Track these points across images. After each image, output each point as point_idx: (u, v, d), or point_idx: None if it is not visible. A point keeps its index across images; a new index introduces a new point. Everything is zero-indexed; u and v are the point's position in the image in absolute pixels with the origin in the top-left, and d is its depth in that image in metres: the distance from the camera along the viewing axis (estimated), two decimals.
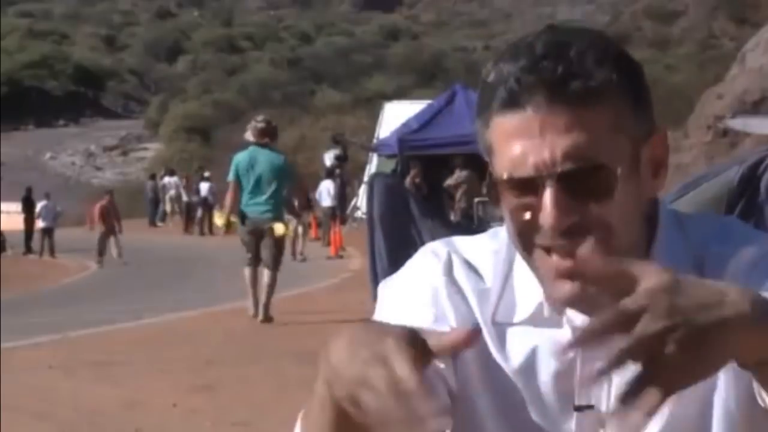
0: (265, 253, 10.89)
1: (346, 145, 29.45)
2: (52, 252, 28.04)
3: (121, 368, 9.47)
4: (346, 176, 28.23)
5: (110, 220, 25.30)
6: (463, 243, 1.41)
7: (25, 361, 9.86)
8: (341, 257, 21.81)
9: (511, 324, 1.34)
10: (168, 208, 37.09)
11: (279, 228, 10.55)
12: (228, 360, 9.68)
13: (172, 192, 36.56)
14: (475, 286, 1.36)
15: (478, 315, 1.34)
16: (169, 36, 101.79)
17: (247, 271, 11.25)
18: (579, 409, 1.30)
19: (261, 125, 10.79)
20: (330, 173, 27.05)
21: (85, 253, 27.55)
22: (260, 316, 11.26)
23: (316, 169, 30.63)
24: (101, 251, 24.46)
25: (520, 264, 1.35)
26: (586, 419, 1.30)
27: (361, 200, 27.79)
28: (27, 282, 21.29)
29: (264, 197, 10.61)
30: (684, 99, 32.40)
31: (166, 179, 37.19)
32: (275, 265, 11.00)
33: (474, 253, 1.39)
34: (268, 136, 10.71)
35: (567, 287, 1.25)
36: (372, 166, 26.76)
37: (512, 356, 1.33)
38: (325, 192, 25.47)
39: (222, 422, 7.26)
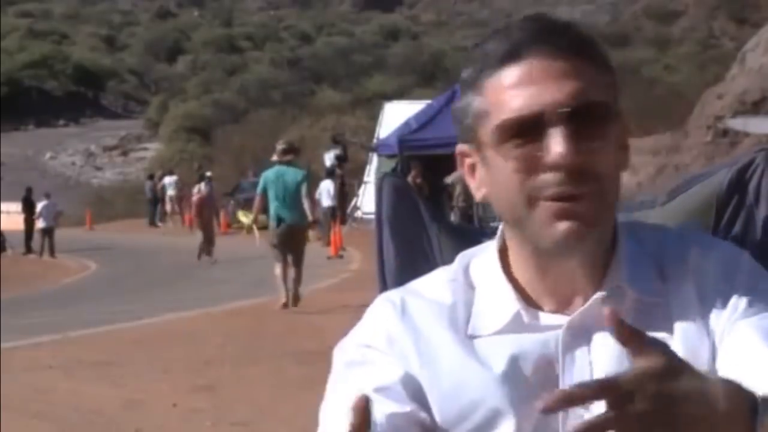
0: (292, 254, 12.69)
1: (346, 145, 29.46)
2: (52, 252, 28.05)
3: (121, 368, 9.48)
4: (346, 176, 28.27)
5: (209, 214, 23.49)
6: (418, 284, 1.45)
7: (25, 361, 9.87)
8: (341, 257, 21.81)
9: (485, 336, 1.37)
10: (168, 208, 37.09)
11: (311, 235, 12.55)
12: (228, 360, 9.68)
13: (172, 192, 36.55)
14: (438, 313, 1.39)
15: (448, 336, 1.37)
16: (169, 36, 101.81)
17: (278, 268, 12.72)
18: None
19: (282, 147, 12.85)
20: (330, 173, 27.07)
21: (85, 253, 27.58)
22: (290, 304, 12.72)
23: (316, 169, 30.63)
24: (209, 251, 22.24)
25: (484, 287, 1.40)
26: (570, 419, 1.30)
27: (361, 200, 27.80)
28: (27, 282, 21.30)
29: (291, 206, 12.37)
30: (684, 99, 32.39)
31: (166, 179, 37.18)
32: (301, 260, 12.84)
33: (430, 289, 1.42)
34: (290, 154, 12.67)
35: (567, 224, 1.29)
36: (372, 166, 26.76)
37: (493, 364, 1.34)
38: (325, 192, 25.48)
39: (222, 422, 7.26)
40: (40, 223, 28.55)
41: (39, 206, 29.03)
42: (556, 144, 1.27)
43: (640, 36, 74.00)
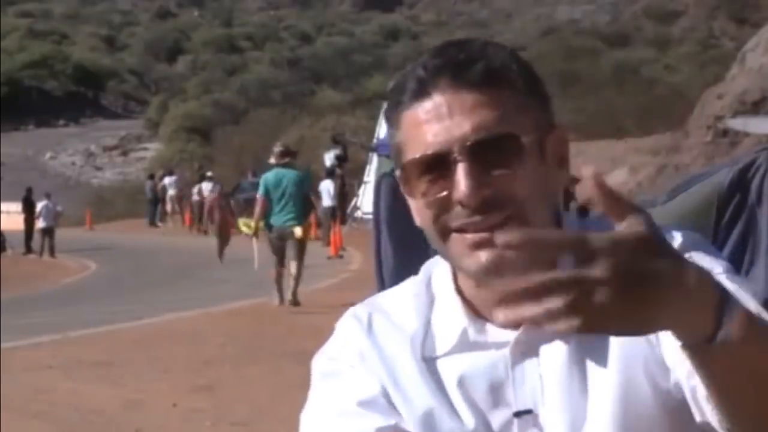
0: (291, 252, 12.80)
1: (346, 145, 29.46)
2: (52, 252, 28.05)
3: (121, 368, 9.48)
4: (346, 176, 28.27)
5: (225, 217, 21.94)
6: (384, 298, 1.47)
7: (25, 361, 9.86)
8: (341, 257, 21.81)
9: (439, 357, 1.38)
10: (168, 208, 37.08)
11: (298, 231, 12.68)
12: (228, 360, 9.68)
13: (172, 192, 36.54)
14: (399, 333, 1.41)
15: (407, 359, 1.39)
16: (169, 36, 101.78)
17: (273, 270, 13.07)
18: (518, 414, 1.33)
19: (279, 149, 13.05)
20: (330, 173, 27.07)
21: (85, 253, 27.58)
22: (289, 301, 13.09)
23: (316, 169, 30.62)
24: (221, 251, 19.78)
25: (441, 301, 1.41)
26: (525, 423, 1.33)
27: (360, 200, 27.81)
28: (27, 282, 21.30)
29: (289, 207, 12.63)
30: (684, 99, 32.37)
31: (166, 179, 37.16)
32: (300, 257, 12.93)
33: (395, 305, 1.44)
34: (287, 157, 12.86)
35: (483, 255, 1.28)
36: (372, 166, 26.78)
37: (448, 387, 1.36)
38: (325, 192, 25.49)
39: (222, 422, 7.26)
40: (40, 223, 28.58)
41: (39, 206, 29.03)
42: (460, 180, 1.28)
43: (640, 36, 73.96)
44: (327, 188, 25.66)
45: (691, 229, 1.41)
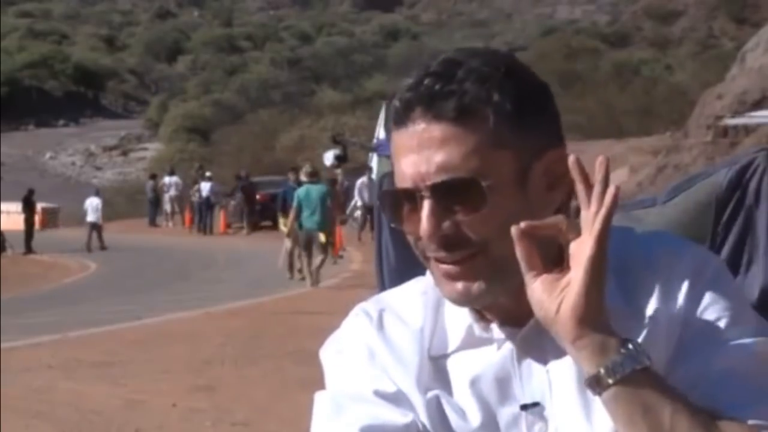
0: (316, 250, 16.79)
1: (346, 145, 29.47)
2: (102, 245, 28.87)
3: (121, 368, 9.48)
4: (346, 176, 28.32)
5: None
6: (393, 296, 1.48)
7: (25, 361, 9.86)
8: (341, 257, 21.82)
9: (447, 355, 1.39)
10: (168, 208, 37.05)
11: (321, 237, 16.64)
12: (228, 360, 9.69)
13: (173, 192, 36.52)
14: (409, 331, 1.42)
15: (416, 356, 1.39)
16: (169, 36, 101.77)
17: (297, 250, 17.61)
18: (525, 407, 1.34)
19: (308, 170, 17.26)
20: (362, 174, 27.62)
21: (85, 253, 27.58)
22: (311, 282, 16.68)
23: (315, 170, 30.63)
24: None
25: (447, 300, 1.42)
26: (532, 417, 1.34)
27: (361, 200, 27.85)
28: (27, 282, 21.30)
29: (316, 215, 16.48)
30: (684, 99, 32.40)
31: (167, 179, 37.14)
32: (324, 252, 16.90)
33: (403, 302, 1.45)
34: (314, 177, 17.11)
35: (455, 286, 1.32)
36: (372, 165, 26.82)
37: (455, 384, 1.38)
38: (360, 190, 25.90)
39: (222, 422, 7.26)
40: (88, 218, 29.68)
41: (86, 202, 30.28)
42: (423, 218, 1.30)
43: (640, 36, 73.97)
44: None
45: (703, 233, 1.41)
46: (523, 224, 1.24)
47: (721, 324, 1.30)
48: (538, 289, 1.25)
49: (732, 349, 1.28)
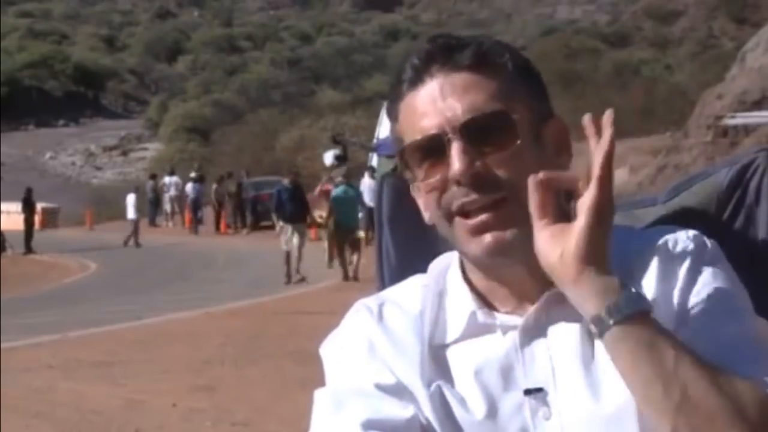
0: (350, 245, 18.17)
1: (346, 145, 29.46)
2: (137, 242, 29.11)
3: (121, 368, 9.48)
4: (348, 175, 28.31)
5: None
6: (393, 291, 1.49)
7: (25, 361, 9.87)
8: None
9: (448, 345, 1.40)
10: (168, 207, 37.02)
11: (360, 233, 18.53)
12: (228, 360, 9.69)
13: (173, 192, 36.49)
14: (408, 318, 1.42)
15: (418, 345, 1.39)
16: (169, 36, 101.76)
17: (332, 248, 18.65)
18: (529, 392, 1.34)
19: (343, 173, 19.28)
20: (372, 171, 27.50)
21: (85, 253, 27.57)
22: (352, 277, 17.73)
23: (316, 169, 30.62)
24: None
25: (450, 291, 1.43)
26: (536, 402, 1.34)
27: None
28: (27, 282, 21.29)
29: (348, 212, 18.08)
30: (684, 99, 32.39)
31: (167, 179, 37.11)
32: (358, 249, 18.20)
33: (404, 295, 1.46)
34: (347, 179, 18.91)
35: (483, 238, 1.32)
36: (373, 165, 26.80)
37: (458, 375, 1.38)
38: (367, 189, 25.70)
39: (222, 422, 7.26)
40: (129, 215, 30.36)
41: (128, 197, 30.90)
42: (453, 159, 1.31)
43: (640, 36, 73.95)
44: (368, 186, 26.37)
45: (704, 233, 1.42)
46: (542, 174, 1.26)
47: (721, 299, 1.32)
48: (545, 236, 1.26)
49: (737, 315, 1.31)
